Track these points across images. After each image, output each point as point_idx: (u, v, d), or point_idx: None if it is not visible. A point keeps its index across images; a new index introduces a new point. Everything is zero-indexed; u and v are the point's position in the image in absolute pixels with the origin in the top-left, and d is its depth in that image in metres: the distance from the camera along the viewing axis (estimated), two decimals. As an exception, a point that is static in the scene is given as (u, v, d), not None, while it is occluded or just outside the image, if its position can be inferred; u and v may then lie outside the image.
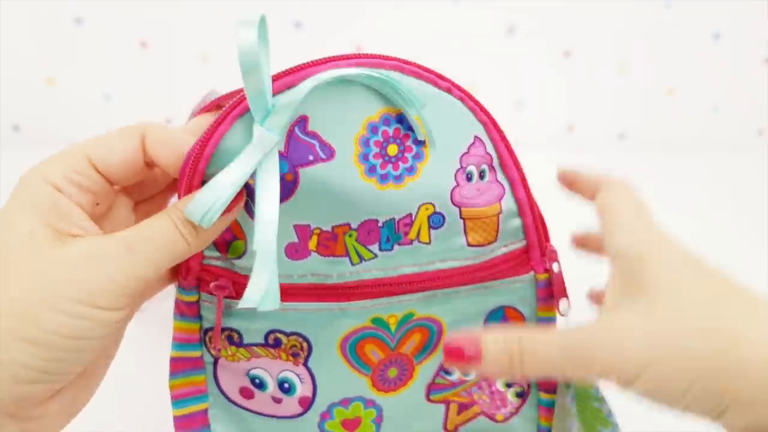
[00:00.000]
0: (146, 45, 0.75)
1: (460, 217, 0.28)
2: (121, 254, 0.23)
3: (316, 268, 0.28)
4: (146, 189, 0.29)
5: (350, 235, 0.27)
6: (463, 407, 0.32)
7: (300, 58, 0.26)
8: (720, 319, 0.22)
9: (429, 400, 0.32)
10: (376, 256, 0.28)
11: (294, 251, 0.27)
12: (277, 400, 0.30)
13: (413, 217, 0.28)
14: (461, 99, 0.27)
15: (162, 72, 0.77)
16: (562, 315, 0.30)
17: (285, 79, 0.24)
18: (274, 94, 0.24)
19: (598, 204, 0.28)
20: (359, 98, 0.26)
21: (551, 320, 0.30)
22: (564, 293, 0.30)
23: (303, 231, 0.27)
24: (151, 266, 0.23)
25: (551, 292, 0.30)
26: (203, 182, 0.25)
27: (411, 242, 0.28)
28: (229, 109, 0.25)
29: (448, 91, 0.27)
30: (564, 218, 0.66)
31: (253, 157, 0.24)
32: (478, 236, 0.29)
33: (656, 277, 0.24)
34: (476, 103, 0.28)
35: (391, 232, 0.28)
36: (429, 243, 0.28)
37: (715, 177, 0.78)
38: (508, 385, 0.33)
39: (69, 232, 0.23)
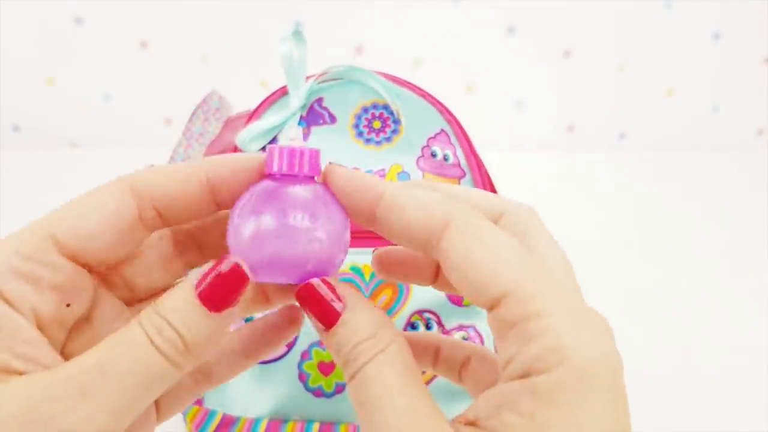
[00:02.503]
0: (146, 45, 0.75)
1: (423, 178, 0.37)
2: (72, 403, 0.15)
3: None
4: (147, 272, 0.20)
5: None
6: None
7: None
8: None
9: None
10: None
11: None
12: None
13: (385, 171, 0.37)
14: (432, 104, 0.39)
15: (162, 72, 0.77)
16: None
17: (311, 77, 0.39)
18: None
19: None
20: (358, 90, 0.39)
21: None
22: None
23: None
24: (115, 413, 0.16)
25: None
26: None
27: None
28: (263, 100, 0.39)
29: (422, 96, 0.39)
30: (561, 217, 0.66)
31: (283, 114, 0.37)
32: None
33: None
34: (444, 107, 0.39)
35: None
36: None
37: (715, 177, 0.78)
38: (465, 339, 0.36)
39: (7, 367, 0.15)
